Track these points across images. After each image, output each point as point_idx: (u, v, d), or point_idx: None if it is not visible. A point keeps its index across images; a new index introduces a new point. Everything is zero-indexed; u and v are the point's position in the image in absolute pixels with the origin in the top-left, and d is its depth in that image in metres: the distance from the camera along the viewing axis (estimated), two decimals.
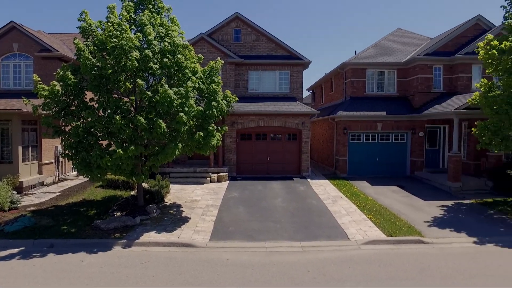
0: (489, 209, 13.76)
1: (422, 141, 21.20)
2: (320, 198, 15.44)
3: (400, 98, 22.69)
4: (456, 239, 10.62)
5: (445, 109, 18.00)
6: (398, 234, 10.79)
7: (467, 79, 20.66)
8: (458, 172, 16.80)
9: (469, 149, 19.29)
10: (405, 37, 26.38)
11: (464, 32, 21.55)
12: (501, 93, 13.21)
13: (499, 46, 13.34)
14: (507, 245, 10.20)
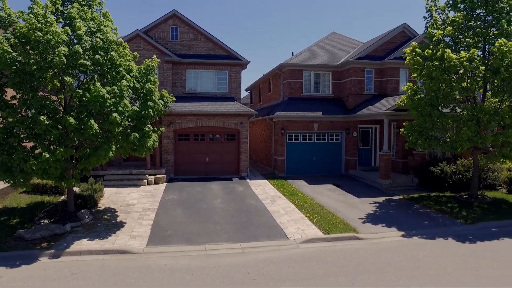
0: (415, 204, 14.72)
1: (355, 140, 22.19)
2: (259, 198, 15.54)
3: (335, 99, 23.57)
4: (388, 234, 11.21)
5: (376, 110, 18.99)
6: (334, 231, 11.15)
7: (395, 82, 21.97)
8: (388, 170, 17.80)
9: (397, 148, 20.52)
10: (339, 40, 27.47)
11: (392, 39, 22.91)
12: (425, 96, 14.18)
13: (422, 53, 14.31)
14: (431, 237, 10.98)
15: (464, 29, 14.06)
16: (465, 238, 10.91)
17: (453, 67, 13.22)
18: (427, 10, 14.83)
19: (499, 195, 15.85)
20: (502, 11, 13.64)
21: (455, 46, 14.20)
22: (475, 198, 14.69)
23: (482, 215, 12.96)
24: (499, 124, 13.21)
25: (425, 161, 18.28)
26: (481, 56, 13.87)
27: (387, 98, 20.97)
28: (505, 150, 13.32)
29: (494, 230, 11.83)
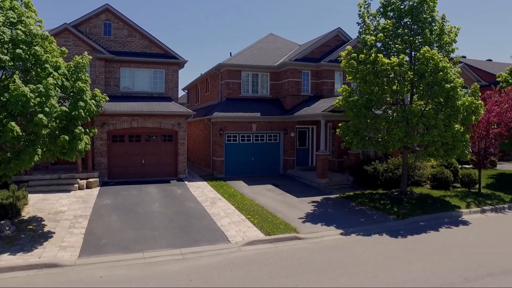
0: (351, 202, 15.31)
1: (293, 141, 22.62)
2: (198, 201, 15.22)
3: (273, 100, 23.85)
4: (327, 233, 11.49)
5: (313, 111, 19.49)
6: (275, 232, 11.19)
7: (331, 84, 22.73)
8: (325, 170, 18.34)
9: (333, 148, 21.24)
10: (277, 42, 27.87)
11: (327, 42, 23.69)
12: (359, 98, 14.79)
13: (357, 57, 14.92)
14: (367, 234, 11.44)
15: (394, 36, 14.87)
16: (398, 233, 11.52)
17: (385, 71, 13.93)
18: (360, 17, 15.48)
19: (424, 191, 17.01)
20: (426, 21, 14.64)
21: (386, 52, 14.98)
22: (404, 195, 15.61)
23: (411, 210, 13.80)
24: (425, 125, 14.14)
25: (359, 160, 19.10)
26: (409, 62, 14.76)
27: (323, 99, 21.63)
28: (431, 149, 14.29)
29: (422, 224, 12.64)
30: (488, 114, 16.14)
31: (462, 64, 28.86)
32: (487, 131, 16.35)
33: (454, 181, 18.57)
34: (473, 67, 32.21)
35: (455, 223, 12.83)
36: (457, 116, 13.92)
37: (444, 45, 14.65)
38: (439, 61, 13.54)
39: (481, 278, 8.17)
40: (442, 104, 14.01)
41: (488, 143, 16.92)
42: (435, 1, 14.76)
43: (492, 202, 15.51)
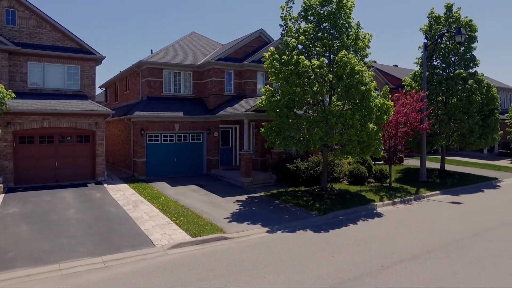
0: (276, 200, 15.69)
1: (217, 140, 22.55)
2: (119, 205, 14.49)
3: (196, 100, 23.56)
4: (253, 231, 11.63)
5: (236, 111, 19.61)
6: (202, 233, 11.05)
7: (253, 84, 23.07)
8: (249, 169, 18.57)
9: (257, 147, 21.59)
10: (200, 41, 27.58)
11: (250, 42, 24.01)
12: (282, 99, 15.20)
13: (279, 58, 15.31)
14: (292, 230, 11.80)
15: (314, 39, 15.52)
16: (320, 228, 12.06)
17: (306, 72, 14.49)
18: (283, 19, 15.90)
19: (343, 187, 18.04)
20: (343, 27, 15.51)
21: (307, 54, 15.58)
22: (325, 191, 16.38)
23: (332, 205, 14.54)
24: (343, 125, 14.96)
25: (282, 159, 19.64)
26: (328, 64, 15.51)
27: (246, 99, 21.88)
28: (348, 147, 15.17)
29: (342, 218, 13.38)
30: (397, 115, 17.61)
31: (373, 68, 31.12)
32: (396, 130, 17.84)
33: (369, 177, 19.96)
34: (383, 71, 34.98)
35: (371, 216, 13.79)
36: (371, 116, 14.96)
37: (359, 50, 15.64)
38: (355, 64, 14.45)
39: (395, 265, 8.87)
40: (358, 105, 14.96)
41: (397, 141, 18.47)
42: (350, 9, 15.69)
43: (401, 194, 16.96)
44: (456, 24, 22.03)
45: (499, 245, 10.43)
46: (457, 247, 10.22)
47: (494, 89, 23.37)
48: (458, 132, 22.11)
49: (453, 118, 21.69)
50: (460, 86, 21.49)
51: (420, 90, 20.88)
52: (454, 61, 22.71)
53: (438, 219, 13.30)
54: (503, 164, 29.78)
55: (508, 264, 9.02)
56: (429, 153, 31.73)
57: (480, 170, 25.94)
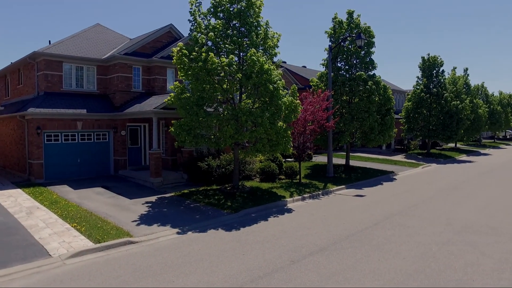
0: (187, 200, 15.29)
1: (124, 139, 21.37)
2: (9, 213, 12.92)
3: (101, 96, 22.07)
4: (163, 233, 11.14)
5: (145, 108, 18.74)
6: (106, 239, 10.27)
7: (163, 81, 22.29)
8: (159, 168, 17.87)
9: (167, 145, 20.90)
10: (105, 33, 25.88)
11: (160, 38, 23.16)
12: (191, 96, 14.83)
13: (189, 54, 14.89)
14: (203, 230, 11.56)
15: (224, 36, 15.39)
16: (232, 227, 11.98)
17: (215, 70, 14.31)
18: (192, 14, 15.50)
19: (255, 184, 18.24)
20: (252, 25, 15.60)
21: (217, 51, 15.39)
22: (237, 189, 16.38)
23: (244, 203, 14.57)
24: (253, 123, 15.07)
25: (193, 157, 19.24)
26: (238, 62, 15.50)
27: (156, 96, 21.05)
28: (258, 145, 15.34)
29: (253, 215, 13.47)
30: (304, 113, 18.29)
31: (283, 68, 32.11)
32: (304, 127, 18.52)
33: (280, 174, 20.48)
34: (292, 72, 36.30)
35: (281, 212, 14.10)
36: (280, 114, 15.30)
37: (268, 49, 15.89)
38: (264, 63, 14.63)
39: (304, 258, 9.10)
40: (267, 103, 15.18)
41: (306, 139, 19.20)
42: (260, 8, 15.86)
43: (310, 190, 17.67)
44: (357, 29, 23.61)
45: (395, 232, 11.32)
46: (360, 237, 10.86)
47: (389, 90, 25.56)
48: (361, 129, 23.73)
49: (356, 117, 23.23)
50: (361, 87, 23.14)
51: (326, 90, 21.98)
52: (356, 63, 24.33)
53: (344, 212, 14.07)
54: (399, 159, 32.81)
55: (402, 249, 9.80)
56: (336, 149, 33.73)
57: (380, 164, 28.23)
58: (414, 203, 15.48)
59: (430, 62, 37.04)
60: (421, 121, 36.74)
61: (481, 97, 56.96)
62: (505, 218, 12.98)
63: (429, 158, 34.67)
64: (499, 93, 72.76)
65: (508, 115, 67.60)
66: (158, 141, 18.79)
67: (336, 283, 7.73)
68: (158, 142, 18.72)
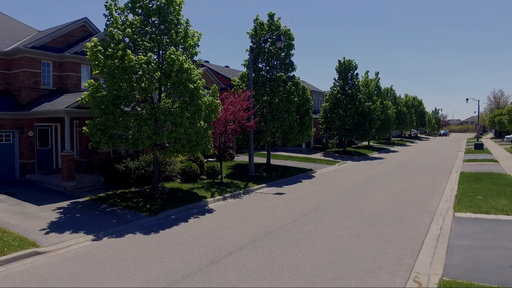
0: (103, 204, 14.51)
1: (32, 140, 19.66)
2: None
3: (4, 93, 20.05)
4: (75, 241, 10.43)
5: (55, 107, 17.42)
6: (7, 252, 9.32)
7: (76, 78, 20.89)
8: (72, 171, 16.73)
9: (81, 147, 19.64)
10: (8, 23, 23.56)
11: (73, 31, 21.67)
12: (107, 94, 14.10)
13: (104, 50, 14.13)
14: (120, 235, 11.05)
15: (142, 33, 14.87)
16: (151, 230, 11.61)
17: (133, 67, 13.76)
18: (107, 9, 14.73)
19: (175, 185, 17.88)
20: (172, 23, 15.27)
21: (135, 48, 14.81)
22: (156, 190, 15.92)
23: (163, 205, 14.21)
24: (172, 123, 14.75)
25: (110, 159, 18.34)
26: (157, 61, 15.06)
27: (68, 94, 19.67)
28: (178, 145, 15.04)
29: (173, 217, 13.20)
30: (225, 113, 18.35)
31: (205, 68, 31.95)
32: (225, 127, 18.59)
33: (201, 174, 20.31)
34: (215, 71, 36.22)
35: (202, 212, 13.99)
36: (200, 114, 15.17)
37: (189, 48, 15.66)
38: (184, 62, 14.39)
39: (223, 258, 9.12)
40: (187, 103, 14.96)
41: (227, 138, 19.28)
42: (180, 5, 15.57)
43: (232, 189, 17.77)
44: (277, 31, 24.25)
45: (312, 228, 11.83)
46: (279, 234, 11.17)
47: (308, 91, 26.67)
48: (281, 129, 24.43)
49: (276, 116, 23.87)
50: (281, 87, 23.84)
51: (247, 90, 22.27)
52: (276, 64, 24.99)
53: (264, 210, 14.37)
54: (317, 157, 34.39)
55: (318, 243, 10.27)
56: (257, 149, 34.36)
57: (300, 163, 29.32)
58: (331, 199, 16.32)
59: (345, 65, 39.36)
60: (338, 121, 38.90)
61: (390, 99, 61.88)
62: (409, 210, 14.23)
63: (345, 155, 36.84)
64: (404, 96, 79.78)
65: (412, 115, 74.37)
66: (72, 142, 17.58)
67: (254, 281, 7.85)
68: (72, 143, 17.52)
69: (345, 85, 39.36)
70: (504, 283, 7.33)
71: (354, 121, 38.89)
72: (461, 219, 12.53)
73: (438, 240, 10.39)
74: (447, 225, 11.79)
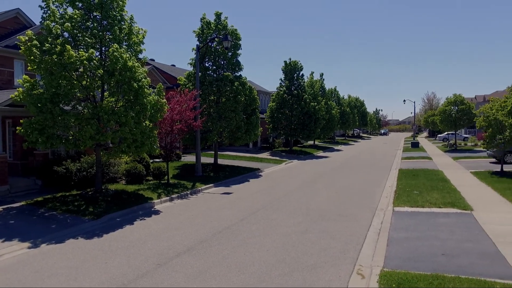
0: (41, 208, 13.66)
1: None
2: None
3: None
4: (9, 249, 9.70)
5: None
6: None
7: (9, 73, 19.50)
8: (4, 175, 15.59)
9: (16, 148, 18.36)
10: None
11: (4, 23, 20.20)
12: (44, 92, 13.29)
13: (39, 45, 13.30)
14: (60, 241, 10.48)
15: (83, 28, 14.18)
16: (94, 234, 11.13)
17: (73, 64, 13.08)
18: (44, 0, 13.90)
19: (120, 187, 17.27)
20: (115, 19, 14.71)
21: (74, 43, 14.09)
22: (100, 193, 15.27)
23: (107, 208, 13.66)
24: (116, 122, 14.23)
25: (48, 160, 17.31)
26: (99, 57, 14.44)
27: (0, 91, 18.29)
28: (123, 146, 14.53)
29: (118, 220, 12.75)
30: (171, 112, 18.01)
31: (151, 66, 31.16)
32: (172, 127, 18.24)
33: (147, 175, 19.79)
34: (160, 70, 35.43)
35: (148, 214, 13.64)
36: (145, 113, 14.77)
37: (133, 45, 15.17)
38: (128, 60, 13.92)
39: (171, 260, 8.95)
40: (132, 102, 14.48)
41: (173, 138, 18.94)
42: (124, 1, 15.03)
43: (179, 190, 17.49)
44: (224, 31, 24.21)
45: (260, 226, 11.95)
46: (227, 233, 11.17)
47: (254, 91, 26.93)
48: (228, 128, 24.42)
49: (223, 116, 23.83)
50: (228, 87, 23.86)
51: (193, 89, 22.01)
52: (223, 64, 24.95)
53: (212, 210, 14.29)
54: (264, 156, 34.80)
55: (266, 241, 10.40)
56: (204, 149, 34.09)
57: (247, 162, 29.50)
58: (278, 197, 16.59)
59: (291, 66, 40.19)
60: (284, 120, 39.64)
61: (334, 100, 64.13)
62: (352, 206, 14.82)
63: (292, 155, 37.64)
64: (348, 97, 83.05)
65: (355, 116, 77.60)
66: (4, 143, 16.32)
67: (203, 281, 7.79)
68: (4, 144, 16.27)
69: (291, 85, 40.19)
70: (436, 270, 7.88)
71: (300, 120, 39.81)
72: (400, 213, 13.28)
73: (379, 234, 10.93)
74: (387, 219, 12.43)
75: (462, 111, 41.59)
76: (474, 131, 61.81)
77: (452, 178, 20.29)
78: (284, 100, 39.37)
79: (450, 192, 16.19)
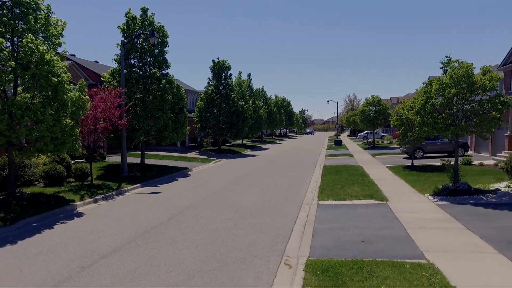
0: None
1: None
2: None
3: None
4: None
5: None
6: None
7: None
8: None
9: None
10: None
11: None
12: None
13: None
14: None
15: None
16: (6, 241, 10.24)
17: None
18: None
19: (37, 190, 16.05)
20: (30, 7, 13.64)
21: None
22: (13, 197, 14.06)
23: (23, 212, 12.65)
24: (32, 119, 13.22)
25: None
26: (11, 49, 13.30)
27: None
28: (39, 144, 13.53)
29: (35, 225, 11.88)
30: (95, 110, 17.15)
31: (71, 61, 29.29)
32: (95, 125, 17.37)
33: (68, 176, 18.64)
34: (82, 66, 33.48)
35: (70, 217, 12.88)
36: (66, 110, 13.90)
37: (51, 37, 14.18)
38: (45, 52, 13.01)
39: (95, 263, 8.56)
40: (50, 98, 13.54)
41: (97, 137, 18.03)
42: None
43: (103, 191, 16.72)
44: (151, 27, 23.58)
45: (189, 224, 11.88)
46: (155, 233, 10.94)
47: (182, 90, 26.56)
48: (155, 127, 23.83)
49: (150, 115, 23.22)
50: (155, 85, 23.28)
51: (118, 87, 21.16)
52: (149, 61, 24.29)
53: (139, 210, 13.89)
54: (193, 155, 34.49)
55: (195, 238, 10.37)
56: (130, 148, 32.88)
57: (175, 162, 29.03)
58: (207, 195, 16.59)
59: (219, 65, 40.29)
60: (212, 120, 39.63)
61: (261, 99, 65.43)
62: (279, 202, 15.31)
63: (220, 154, 37.76)
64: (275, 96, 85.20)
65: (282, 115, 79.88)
66: None
67: (131, 282, 7.57)
68: None
69: (219, 85, 40.29)
70: (357, 255, 8.48)
71: (228, 120, 40.06)
72: (324, 206, 14.00)
73: (305, 226, 11.44)
74: (312, 212, 13.04)
75: (379, 111, 44.86)
76: (390, 130, 67.10)
77: (371, 173, 21.85)
78: (213, 99, 39.36)
79: (369, 186, 17.43)
